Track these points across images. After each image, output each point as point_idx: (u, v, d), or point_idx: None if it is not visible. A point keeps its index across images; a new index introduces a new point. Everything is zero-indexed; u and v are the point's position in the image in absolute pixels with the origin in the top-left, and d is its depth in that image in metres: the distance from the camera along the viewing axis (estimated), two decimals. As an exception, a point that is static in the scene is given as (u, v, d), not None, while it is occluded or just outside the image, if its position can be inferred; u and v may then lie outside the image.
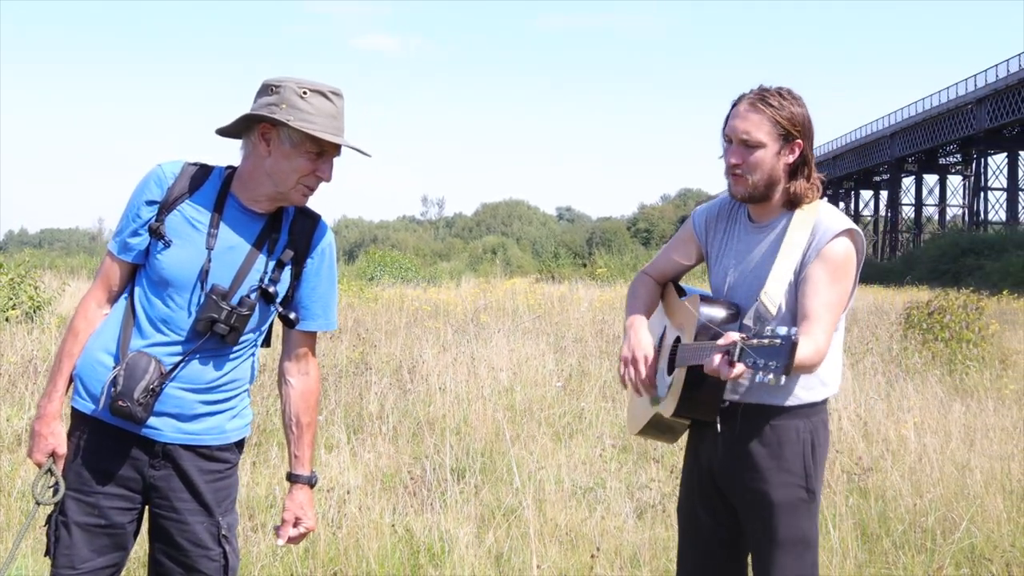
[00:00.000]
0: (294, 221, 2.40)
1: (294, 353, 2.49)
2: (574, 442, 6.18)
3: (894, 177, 66.92)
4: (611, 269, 25.98)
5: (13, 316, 10.23)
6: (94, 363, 2.33)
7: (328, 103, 2.27)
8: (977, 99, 52.29)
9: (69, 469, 2.34)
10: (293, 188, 2.30)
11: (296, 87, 2.25)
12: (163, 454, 2.33)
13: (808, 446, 2.46)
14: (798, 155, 2.42)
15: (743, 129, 2.40)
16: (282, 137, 2.26)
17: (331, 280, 2.49)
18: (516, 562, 4.09)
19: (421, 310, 13.12)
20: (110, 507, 2.32)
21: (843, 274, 2.39)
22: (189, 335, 2.30)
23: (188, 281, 2.30)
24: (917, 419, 6.14)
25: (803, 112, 2.42)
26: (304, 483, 2.51)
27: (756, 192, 2.44)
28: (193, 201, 2.32)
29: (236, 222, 2.33)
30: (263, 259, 2.35)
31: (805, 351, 2.25)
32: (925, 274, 40.35)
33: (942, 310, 10.23)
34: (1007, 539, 4.28)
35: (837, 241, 2.38)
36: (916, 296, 17.16)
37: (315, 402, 2.52)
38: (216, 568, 2.39)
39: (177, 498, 2.35)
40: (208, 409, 2.36)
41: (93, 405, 2.31)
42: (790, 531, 2.43)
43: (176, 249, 2.30)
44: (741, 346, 2.08)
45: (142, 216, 2.32)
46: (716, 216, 2.64)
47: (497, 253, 74.63)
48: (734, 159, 2.43)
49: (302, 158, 2.27)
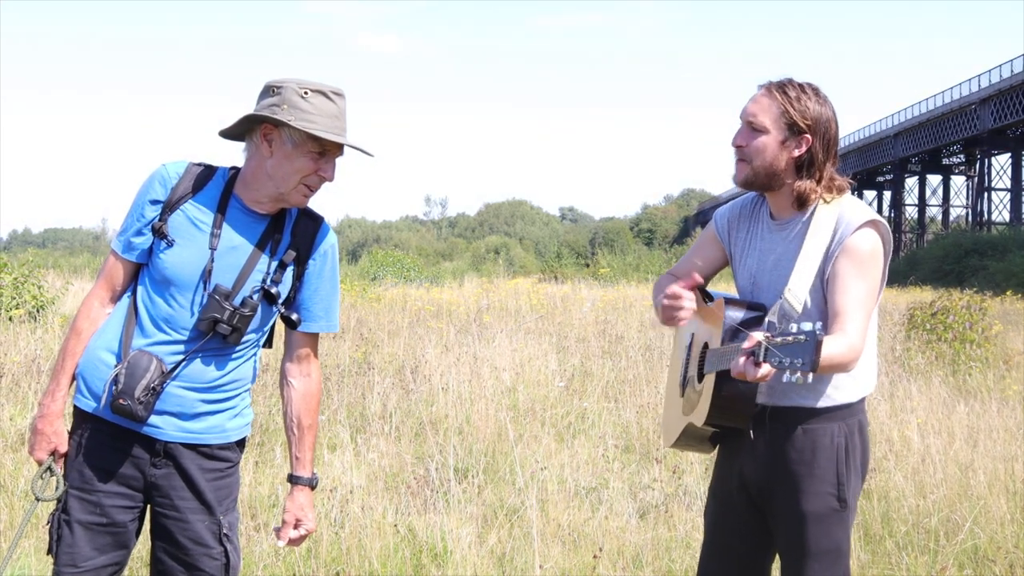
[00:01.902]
0: (297, 222, 2.41)
1: (296, 354, 2.49)
2: (577, 442, 6.17)
3: (898, 177, 66.81)
4: (614, 269, 26.02)
5: (17, 315, 10.24)
6: (96, 361, 2.33)
7: (329, 103, 2.27)
8: (981, 99, 52.19)
9: (71, 467, 2.35)
10: (295, 188, 2.31)
11: (297, 87, 2.26)
12: (164, 452, 2.34)
13: (842, 451, 2.38)
14: (805, 151, 2.36)
15: (751, 111, 2.38)
16: (284, 137, 2.27)
17: (333, 282, 2.49)
18: (519, 562, 4.09)
19: (424, 310, 13.11)
20: (112, 505, 2.33)
21: (871, 267, 2.32)
22: (191, 334, 2.31)
23: (191, 281, 2.31)
24: (920, 420, 6.13)
25: (821, 110, 2.36)
26: (305, 485, 2.51)
27: (756, 179, 2.40)
28: (196, 201, 2.33)
29: (239, 223, 2.34)
30: (265, 260, 2.36)
31: (838, 348, 2.20)
32: (928, 274, 40.27)
33: (945, 311, 10.21)
34: (1011, 540, 4.27)
35: (861, 233, 2.32)
36: (919, 296, 17.15)
37: (316, 404, 2.52)
38: (218, 567, 2.40)
39: (178, 496, 2.36)
40: (209, 408, 2.37)
41: (95, 403, 2.32)
42: (822, 541, 2.37)
43: (179, 249, 2.30)
44: (766, 346, 2.03)
45: (146, 215, 2.33)
46: (738, 216, 2.59)
47: (500, 253, 74.68)
48: (739, 141, 2.40)
49: (304, 158, 2.27)
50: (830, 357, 2.17)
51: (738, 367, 2.11)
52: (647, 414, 6.69)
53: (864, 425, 2.46)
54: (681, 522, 4.56)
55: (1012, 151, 55.39)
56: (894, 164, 65.99)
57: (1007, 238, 44.54)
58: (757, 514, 2.50)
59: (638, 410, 6.86)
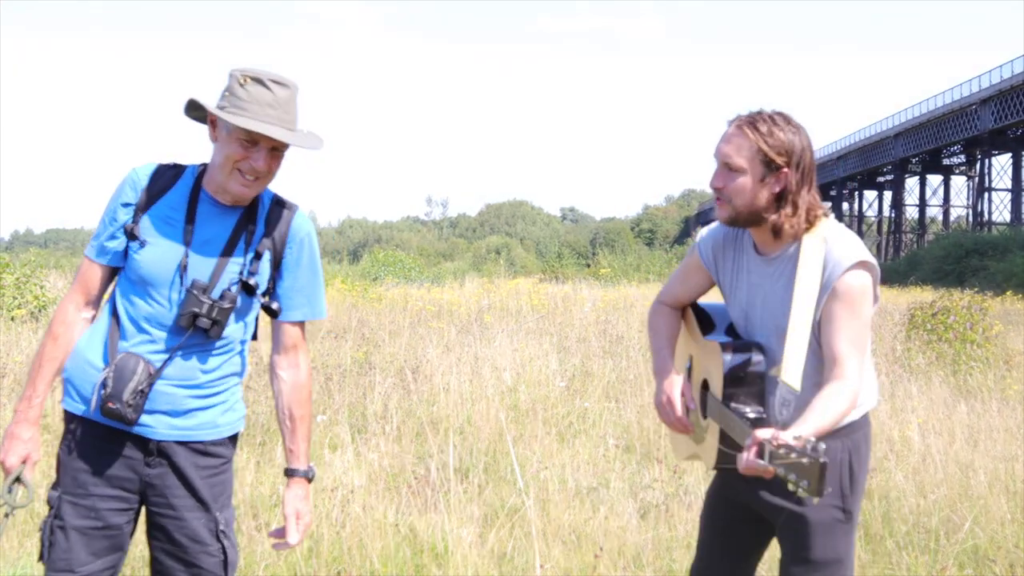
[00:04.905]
0: (270, 212, 2.41)
1: (282, 346, 2.49)
2: (578, 442, 6.18)
3: (898, 178, 66.78)
4: (615, 269, 25.99)
5: (19, 315, 10.26)
6: (84, 364, 2.33)
7: (266, 91, 2.26)
8: (981, 100, 52.18)
9: (63, 472, 2.34)
10: (229, 176, 2.30)
11: (240, 75, 2.26)
12: (158, 451, 2.34)
13: (846, 467, 2.39)
14: (783, 186, 2.32)
15: (725, 152, 2.34)
16: (221, 125, 2.29)
17: (313, 269, 2.48)
18: (519, 562, 4.09)
19: (425, 310, 13.11)
20: (106, 508, 2.32)
21: (862, 305, 2.29)
22: (173, 331, 2.32)
23: (167, 278, 2.31)
24: (921, 419, 6.14)
25: (794, 139, 2.31)
26: (302, 477, 2.50)
27: (740, 218, 2.37)
28: (167, 200, 2.34)
29: (210, 216, 2.35)
30: (241, 251, 2.36)
31: (843, 403, 2.21)
32: (929, 275, 40.29)
33: (946, 311, 10.21)
34: (1011, 540, 4.27)
35: (851, 275, 2.28)
36: (920, 297, 17.14)
37: (307, 395, 2.51)
38: (216, 563, 2.40)
39: (173, 495, 2.36)
40: (199, 404, 2.37)
41: (84, 406, 2.32)
42: (825, 552, 2.38)
43: (153, 247, 2.31)
44: (770, 450, 2.02)
45: (118, 219, 2.33)
46: (722, 245, 2.55)
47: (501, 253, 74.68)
48: (717, 183, 2.37)
49: (234, 144, 2.27)
50: (838, 414, 2.20)
51: (748, 463, 2.08)
52: (648, 414, 6.69)
53: (868, 436, 2.47)
54: (682, 522, 4.56)
55: (1012, 151, 55.38)
56: (895, 164, 65.97)
57: (1007, 238, 44.51)
58: (753, 518, 2.52)
59: (639, 410, 6.86)
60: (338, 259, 58.39)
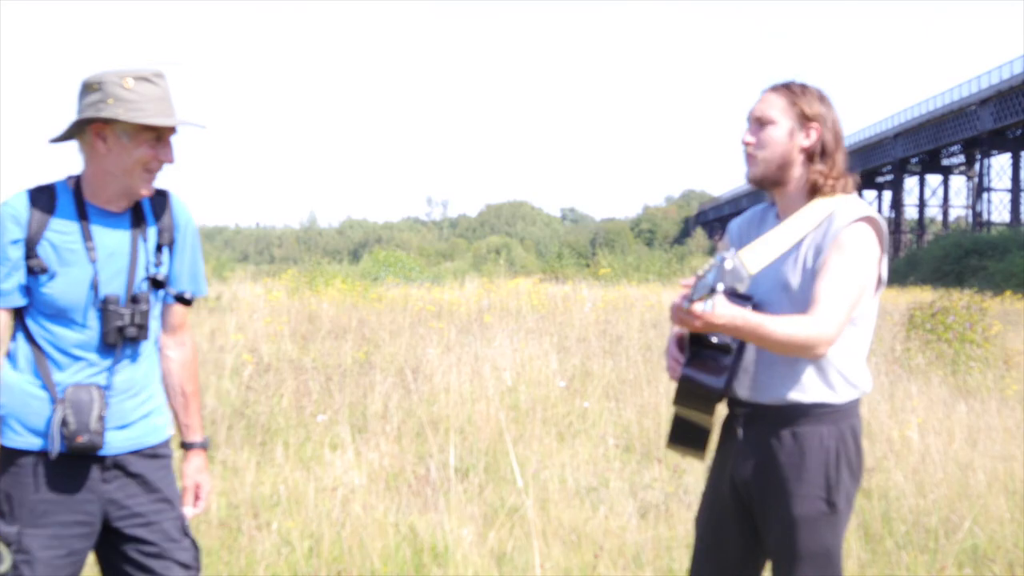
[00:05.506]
0: (152, 202, 2.43)
1: (170, 326, 2.52)
2: (577, 442, 6.18)
3: (897, 178, 66.81)
4: (615, 269, 25.93)
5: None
6: (25, 397, 2.29)
7: (153, 87, 2.27)
8: (980, 100, 52.21)
9: (21, 507, 2.29)
10: (139, 178, 2.30)
11: (117, 78, 2.24)
12: (113, 465, 2.35)
13: (832, 455, 2.37)
14: (815, 140, 2.38)
15: (758, 108, 2.42)
16: (118, 132, 2.26)
17: (195, 247, 2.52)
18: (519, 561, 4.10)
19: (425, 310, 13.12)
20: (69, 535, 2.31)
21: (859, 260, 2.32)
22: (104, 350, 2.32)
23: (82, 302, 2.30)
24: (920, 419, 6.14)
25: (826, 111, 2.40)
26: (199, 448, 2.57)
27: (768, 172, 2.41)
28: (55, 224, 2.29)
29: (105, 228, 2.33)
30: (143, 251, 2.38)
31: (798, 329, 2.22)
32: (928, 275, 40.33)
33: (945, 311, 10.21)
34: (1010, 539, 4.28)
35: (854, 227, 2.33)
36: (919, 297, 17.16)
37: (195, 371, 2.57)
38: (191, 557, 2.45)
39: (138, 502, 2.37)
40: (143, 411, 2.41)
41: (40, 441, 2.28)
42: (811, 545, 2.37)
43: (63, 276, 2.28)
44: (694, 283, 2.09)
45: (11, 258, 2.27)
46: (748, 223, 2.62)
47: (501, 253, 74.68)
48: (747, 137, 2.42)
49: (143, 147, 2.27)
50: (787, 334, 2.21)
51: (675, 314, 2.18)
52: (648, 414, 6.70)
53: (857, 429, 2.44)
54: (681, 521, 4.57)
55: (1012, 152, 55.44)
56: (894, 165, 66.01)
57: (1007, 238, 44.56)
58: (749, 518, 2.50)
59: (638, 410, 6.87)
60: (338, 259, 58.40)
